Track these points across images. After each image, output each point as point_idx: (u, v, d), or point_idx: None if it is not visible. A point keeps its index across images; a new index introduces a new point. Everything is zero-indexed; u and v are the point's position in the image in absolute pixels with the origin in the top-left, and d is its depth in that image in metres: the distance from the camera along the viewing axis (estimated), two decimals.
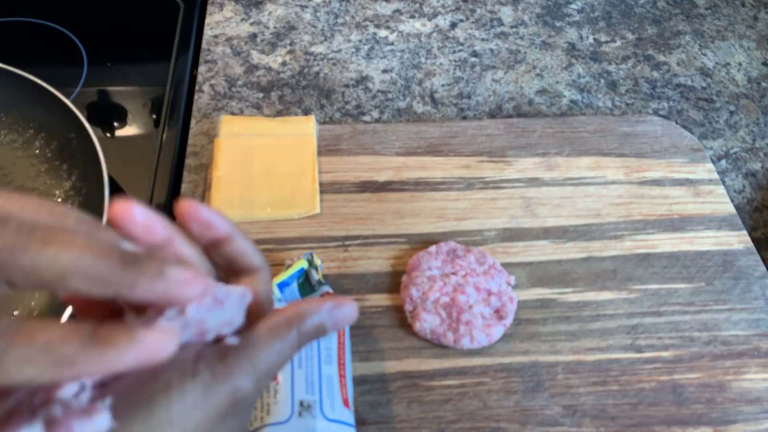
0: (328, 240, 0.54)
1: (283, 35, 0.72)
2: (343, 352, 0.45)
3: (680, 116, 0.68)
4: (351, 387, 0.44)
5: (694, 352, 0.50)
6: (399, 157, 0.60)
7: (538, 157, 0.61)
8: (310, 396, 0.41)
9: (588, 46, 0.74)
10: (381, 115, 0.66)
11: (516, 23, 0.76)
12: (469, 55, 0.72)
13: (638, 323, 0.51)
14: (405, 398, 0.47)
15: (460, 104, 0.67)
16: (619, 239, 0.56)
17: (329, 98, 0.67)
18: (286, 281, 0.47)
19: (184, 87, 0.66)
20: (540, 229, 0.56)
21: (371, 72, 0.69)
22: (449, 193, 0.58)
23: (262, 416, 0.41)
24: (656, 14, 0.78)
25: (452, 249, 0.53)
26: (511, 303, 0.50)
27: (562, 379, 0.48)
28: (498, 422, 0.46)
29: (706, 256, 0.55)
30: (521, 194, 0.58)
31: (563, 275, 0.53)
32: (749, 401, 0.48)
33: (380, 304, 0.51)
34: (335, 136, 0.61)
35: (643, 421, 0.46)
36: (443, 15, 0.76)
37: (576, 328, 0.51)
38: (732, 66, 0.73)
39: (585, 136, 0.63)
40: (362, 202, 0.57)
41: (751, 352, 0.50)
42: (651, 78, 0.71)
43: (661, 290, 0.53)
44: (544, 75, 0.71)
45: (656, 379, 0.48)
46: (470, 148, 0.61)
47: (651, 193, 0.59)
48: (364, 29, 0.74)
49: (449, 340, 0.48)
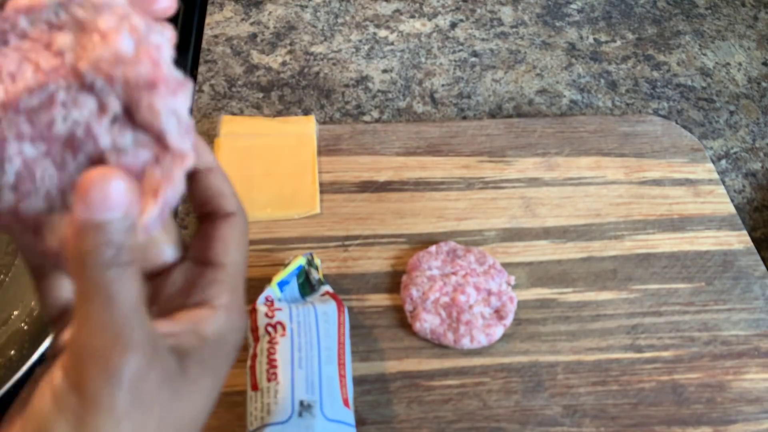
0: (328, 240, 0.54)
1: (283, 35, 0.72)
2: (343, 352, 0.45)
3: (680, 116, 0.68)
4: (351, 387, 0.44)
5: (694, 352, 0.50)
6: (399, 157, 0.60)
7: (538, 157, 0.61)
8: (310, 396, 0.41)
9: (588, 46, 0.74)
10: (381, 115, 0.66)
11: (516, 23, 0.76)
12: (469, 55, 0.72)
13: (638, 323, 0.51)
14: (405, 398, 0.47)
15: (460, 104, 0.67)
16: (619, 239, 0.56)
17: (329, 98, 0.67)
18: (286, 279, 0.47)
19: None
20: (540, 229, 0.56)
21: (371, 72, 0.69)
22: (449, 193, 0.58)
23: (262, 416, 0.41)
24: (656, 14, 0.78)
25: (452, 249, 0.53)
26: (511, 303, 0.50)
27: (562, 379, 0.48)
28: (498, 422, 0.46)
29: (706, 256, 0.55)
30: (521, 194, 0.58)
31: (563, 275, 0.53)
32: (749, 401, 0.48)
33: (380, 304, 0.51)
34: (335, 136, 0.61)
35: (643, 421, 0.46)
36: (443, 15, 0.76)
37: (576, 328, 0.51)
38: (732, 66, 0.73)
39: (585, 136, 0.63)
40: (362, 202, 0.57)
41: (751, 352, 0.50)
42: (651, 78, 0.71)
43: (661, 290, 0.53)
44: (544, 75, 0.71)
45: (656, 379, 0.48)
46: (470, 148, 0.61)
47: (651, 193, 0.59)
48: (364, 29, 0.74)
49: (449, 340, 0.48)
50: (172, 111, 0.23)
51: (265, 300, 0.46)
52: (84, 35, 0.23)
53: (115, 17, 0.23)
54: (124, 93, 0.22)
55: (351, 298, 0.51)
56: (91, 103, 0.22)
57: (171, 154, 0.23)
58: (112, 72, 0.22)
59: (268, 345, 0.43)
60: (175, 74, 0.23)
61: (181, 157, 0.23)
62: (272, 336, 0.44)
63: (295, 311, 0.45)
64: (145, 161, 0.23)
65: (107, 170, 0.21)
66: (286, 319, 0.44)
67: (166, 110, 0.22)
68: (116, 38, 0.22)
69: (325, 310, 0.46)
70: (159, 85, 0.22)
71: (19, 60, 0.23)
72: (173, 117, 0.23)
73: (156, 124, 0.22)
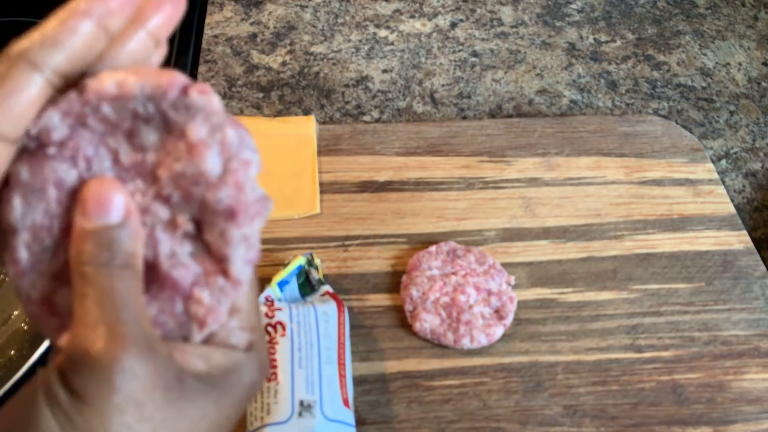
0: (328, 240, 0.54)
1: (283, 35, 0.72)
2: (343, 352, 0.45)
3: (680, 116, 0.68)
4: (351, 387, 0.44)
5: (694, 352, 0.50)
6: (399, 157, 0.60)
7: (538, 157, 0.61)
8: (310, 396, 0.41)
9: (588, 46, 0.74)
10: (381, 115, 0.66)
11: (516, 23, 0.76)
12: (469, 55, 0.72)
13: (638, 323, 0.51)
14: (405, 398, 0.47)
15: (460, 104, 0.67)
16: (619, 239, 0.56)
17: (329, 98, 0.67)
18: (286, 279, 0.47)
19: None
20: (540, 229, 0.56)
21: (371, 72, 0.69)
22: (449, 193, 0.58)
23: (262, 416, 0.41)
24: (656, 14, 0.78)
25: (452, 249, 0.53)
26: (511, 303, 0.50)
27: (562, 379, 0.48)
28: (498, 422, 0.46)
29: (706, 256, 0.55)
30: (521, 194, 0.58)
31: (563, 275, 0.53)
32: (749, 401, 0.48)
33: (380, 304, 0.51)
34: (335, 136, 0.61)
35: (643, 421, 0.46)
36: (443, 15, 0.76)
37: (576, 328, 0.51)
38: (732, 66, 0.73)
39: (585, 136, 0.63)
40: (362, 202, 0.57)
41: (751, 352, 0.50)
42: (651, 78, 0.71)
43: (661, 290, 0.53)
44: (544, 75, 0.71)
45: (656, 379, 0.48)
46: (470, 148, 0.61)
47: (651, 193, 0.59)
48: (364, 29, 0.74)
49: (449, 340, 0.48)
50: (244, 238, 0.21)
51: (265, 300, 0.46)
52: (170, 138, 0.21)
53: (207, 127, 0.21)
54: (199, 212, 0.21)
55: (351, 298, 0.51)
56: (163, 214, 0.21)
57: (227, 279, 0.22)
58: (192, 191, 0.21)
59: (268, 345, 0.43)
60: (258, 194, 0.22)
61: (236, 285, 0.22)
62: (272, 336, 0.44)
63: (295, 311, 0.45)
64: (197, 274, 0.22)
65: (104, 181, 0.21)
66: (286, 319, 0.44)
67: (239, 237, 0.21)
68: (204, 154, 0.21)
69: (325, 310, 0.46)
70: (238, 215, 0.21)
71: (96, 144, 0.21)
72: (243, 244, 0.21)
73: (223, 251, 0.21)
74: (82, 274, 0.21)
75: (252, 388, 0.24)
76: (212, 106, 0.21)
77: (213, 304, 0.22)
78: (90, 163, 0.21)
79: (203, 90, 0.21)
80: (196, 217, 0.22)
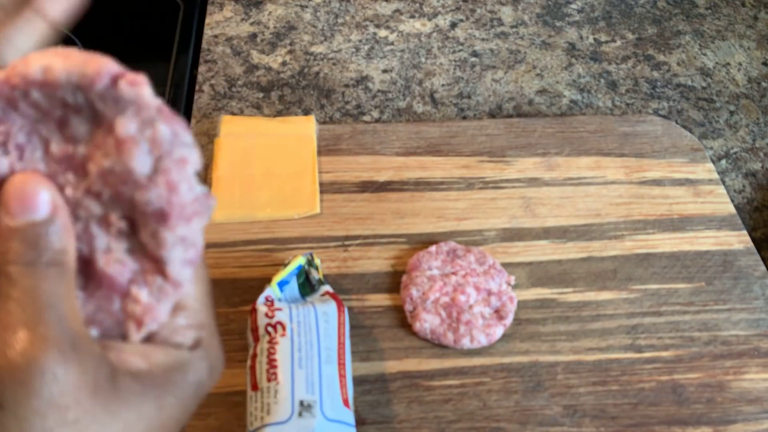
0: (328, 240, 0.54)
1: (283, 35, 0.72)
2: (343, 352, 0.45)
3: (680, 116, 0.68)
4: (351, 387, 0.44)
5: (694, 352, 0.50)
6: (399, 157, 0.60)
7: (538, 157, 0.61)
8: (310, 396, 0.41)
9: (588, 46, 0.74)
10: (381, 115, 0.66)
11: (516, 23, 0.76)
12: (469, 55, 0.72)
13: (638, 323, 0.51)
14: (405, 398, 0.47)
15: (460, 104, 0.67)
16: (619, 239, 0.56)
17: (329, 98, 0.67)
18: (286, 279, 0.47)
19: (184, 87, 0.66)
20: (540, 229, 0.56)
21: (371, 72, 0.69)
22: (449, 193, 0.58)
23: (262, 416, 0.41)
24: (656, 14, 0.78)
25: (452, 249, 0.53)
26: (511, 303, 0.50)
27: (562, 379, 0.48)
28: (498, 422, 0.46)
29: (706, 256, 0.55)
30: (521, 194, 0.58)
31: (563, 275, 0.53)
32: (749, 401, 0.48)
33: (380, 304, 0.51)
34: (335, 136, 0.61)
35: (643, 421, 0.46)
36: (443, 15, 0.76)
37: (576, 328, 0.51)
38: (732, 66, 0.73)
39: (585, 136, 0.63)
40: (362, 202, 0.57)
41: (751, 352, 0.50)
42: (651, 78, 0.71)
43: (661, 290, 0.53)
44: (544, 75, 0.71)
45: (656, 379, 0.48)
46: (470, 148, 0.61)
47: (651, 193, 0.59)
48: (364, 29, 0.74)
49: (449, 340, 0.48)
50: (180, 239, 0.20)
51: (265, 300, 0.46)
52: (100, 131, 0.20)
53: (136, 122, 0.19)
54: (130, 211, 0.20)
55: (351, 298, 0.51)
56: (95, 210, 0.21)
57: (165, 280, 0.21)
58: (120, 189, 0.20)
59: (268, 345, 0.43)
60: (196, 193, 0.20)
61: (175, 285, 0.21)
62: (272, 336, 0.44)
63: (295, 311, 0.45)
64: (135, 271, 0.21)
65: (29, 175, 0.20)
66: (286, 319, 0.44)
67: (173, 240, 0.20)
68: (132, 152, 0.19)
69: (325, 310, 0.46)
70: (170, 217, 0.20)
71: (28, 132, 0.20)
72: (179, 246, 0.21)
73: (158, 253, 0.21)
74: (7, 274, 0.20)
75: (200, 388, 0.23)
76: (144, 99, 0.19)
77: (151, 303, 0.21)
78: (22, 152, 0.20)
79: (135, 81, 0.19)
80: (129, 216, 0.21)
